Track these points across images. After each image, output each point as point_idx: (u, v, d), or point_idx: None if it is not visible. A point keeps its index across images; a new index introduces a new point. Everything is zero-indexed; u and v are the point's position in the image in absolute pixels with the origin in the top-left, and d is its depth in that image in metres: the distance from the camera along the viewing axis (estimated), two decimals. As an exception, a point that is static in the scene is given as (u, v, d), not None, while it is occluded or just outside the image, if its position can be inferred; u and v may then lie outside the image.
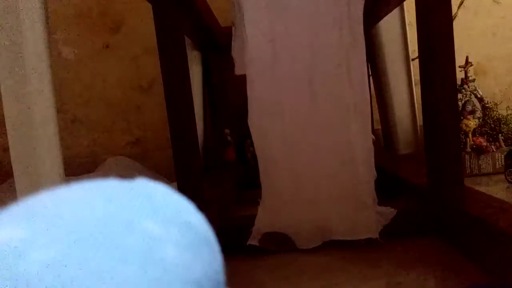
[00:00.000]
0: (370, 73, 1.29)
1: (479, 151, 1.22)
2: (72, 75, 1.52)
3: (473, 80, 1.30)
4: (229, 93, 1.41)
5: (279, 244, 0.74)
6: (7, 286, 0.14)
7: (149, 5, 0.74)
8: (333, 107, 0.75)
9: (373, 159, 0.77)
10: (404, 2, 1.16)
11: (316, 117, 0.75)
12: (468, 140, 1.23)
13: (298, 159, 0.75)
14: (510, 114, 1.28)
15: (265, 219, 0.75)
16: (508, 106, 1.32)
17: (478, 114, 1.27)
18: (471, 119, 1.23)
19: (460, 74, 1.25)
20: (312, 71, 0.75)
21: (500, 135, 1.25)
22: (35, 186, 0.43)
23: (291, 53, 0.74)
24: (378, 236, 0.70)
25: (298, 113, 0.75)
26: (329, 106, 0.75)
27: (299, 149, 0.75)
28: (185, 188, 0.72)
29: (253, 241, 0.73)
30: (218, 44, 1.30)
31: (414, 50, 1.22)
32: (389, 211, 0.74)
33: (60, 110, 1.47)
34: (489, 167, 1.22)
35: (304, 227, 0.73)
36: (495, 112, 1.28)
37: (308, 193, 0.74)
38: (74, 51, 1.52)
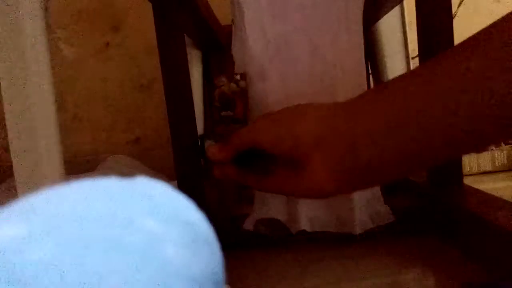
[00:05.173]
0: (370, 72, 1.29)
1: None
2: (72, 73, 1.52)
3: (473, 79, 1.29)
4: (229, 92, 1.40)
5: (273, 229, 0.74)
6: (4, 284, 0.14)
7: (150, 4, 0.74)
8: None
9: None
10: (404, 1, 1.16)
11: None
12: (468, 139, 1.23)
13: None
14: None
15: (260, 206, 0.74)
16: (508, 105, 1.32)
17: (478, 112, 1.27)
18: (471, 117, 1.23)
19: (460, 73, 1.24)
20: (311, 71, 0.74)
21: (500, 133, 1.25)
22: (35, 185, 0.43)
23: (291, 53, 0.74)
24: (359, 233, 0.69)
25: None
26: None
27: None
28: (185, 187, 0.72)
29: (248, 226, 0.74)
30: (218, 43, 1.29)
31: (414, 49, 1.22)
32: (387, 210, 0.74)
33: (60, 109, 1.47)
34: (489, 165, 1.22)
35: (298, 218, 0.73)
36: (495, 111, 1.27)
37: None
38: (74, 50, 1.52)
